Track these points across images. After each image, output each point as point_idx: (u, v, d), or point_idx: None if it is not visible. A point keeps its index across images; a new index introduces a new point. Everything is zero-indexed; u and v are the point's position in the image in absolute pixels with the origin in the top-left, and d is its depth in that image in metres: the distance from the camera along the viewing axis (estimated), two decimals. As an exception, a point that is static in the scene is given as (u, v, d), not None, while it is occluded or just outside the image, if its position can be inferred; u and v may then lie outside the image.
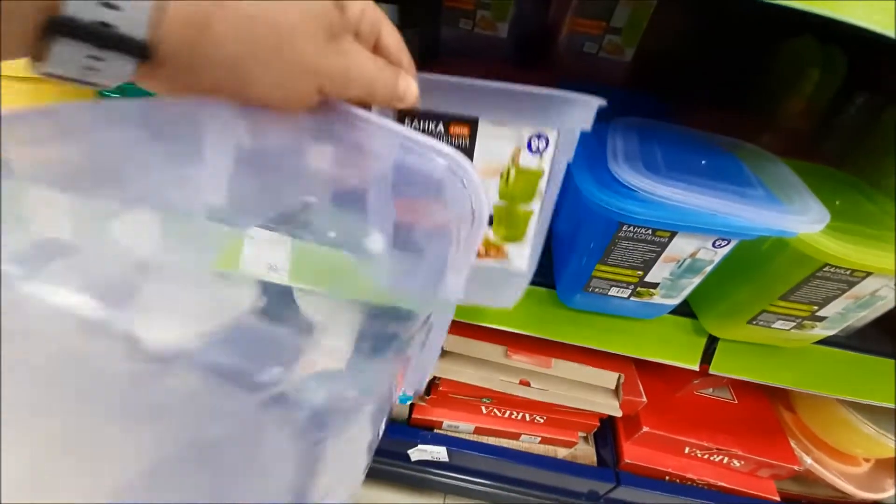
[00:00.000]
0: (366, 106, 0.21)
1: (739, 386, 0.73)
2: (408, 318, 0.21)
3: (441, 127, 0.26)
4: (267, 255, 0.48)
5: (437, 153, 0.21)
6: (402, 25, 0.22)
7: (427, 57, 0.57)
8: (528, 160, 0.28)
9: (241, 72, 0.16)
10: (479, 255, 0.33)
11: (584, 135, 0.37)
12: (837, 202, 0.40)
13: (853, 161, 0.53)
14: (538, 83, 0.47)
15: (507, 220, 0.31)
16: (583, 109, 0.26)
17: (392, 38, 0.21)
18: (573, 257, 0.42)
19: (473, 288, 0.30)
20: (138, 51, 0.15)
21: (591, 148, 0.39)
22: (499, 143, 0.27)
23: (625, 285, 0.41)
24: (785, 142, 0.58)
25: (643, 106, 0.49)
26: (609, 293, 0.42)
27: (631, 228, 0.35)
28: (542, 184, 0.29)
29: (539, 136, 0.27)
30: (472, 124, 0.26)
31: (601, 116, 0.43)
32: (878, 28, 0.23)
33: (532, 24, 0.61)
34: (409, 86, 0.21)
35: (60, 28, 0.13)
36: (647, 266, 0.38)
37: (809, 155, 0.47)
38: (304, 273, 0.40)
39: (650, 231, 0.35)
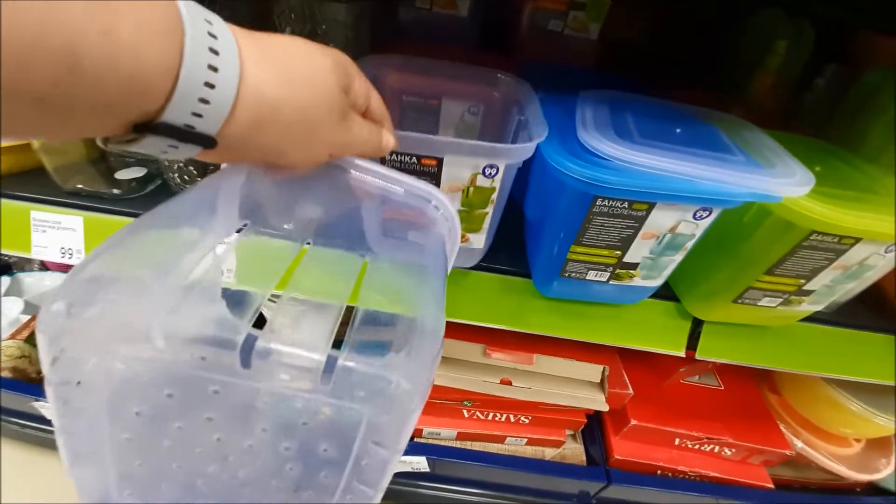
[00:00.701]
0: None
1: (725, 371, 0.71)
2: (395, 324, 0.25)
3: (415, 160, 0.34)
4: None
5: (427, 197, 0.29)
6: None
7: (381, 40, 0.53)
8: (483, 181, 0.35)
9: (279, 151, 0.22)
10: None
11: (552, 108, 0.36)
12: (818, 168, 0.37)
13: (825, 132, 0.52)
14: (501, 66, 0.44)
15: (467, 219, 0.38)
16: (524, 150, 0.33)
17: (377, 102, 0.27)
18: (546, 241, 0.38)
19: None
20: (208, 142, 0.19)
21: (559, 119, 0.36)
22: (460, 170, 0.34)
23: (603, 267, 0.38)
24: (756, 116, 0.56)
25: (611, 84, 0.47)
26: (587, 277, 0.39)
27: (605, 202, 0.32)
28: (495, 195, 0.36)
29: (491, 166, 0.34)
30: (439, 160, 0.34)
31: (570, 90, 0.40)
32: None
33: (494, 2, 0.58)
34: (389, 141, 0.28)
35: (155, 128, 0.17)
36: (626, 244, 0.35)
37: (781, 128, 0.45)
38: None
39: (626, 204, 0.32)
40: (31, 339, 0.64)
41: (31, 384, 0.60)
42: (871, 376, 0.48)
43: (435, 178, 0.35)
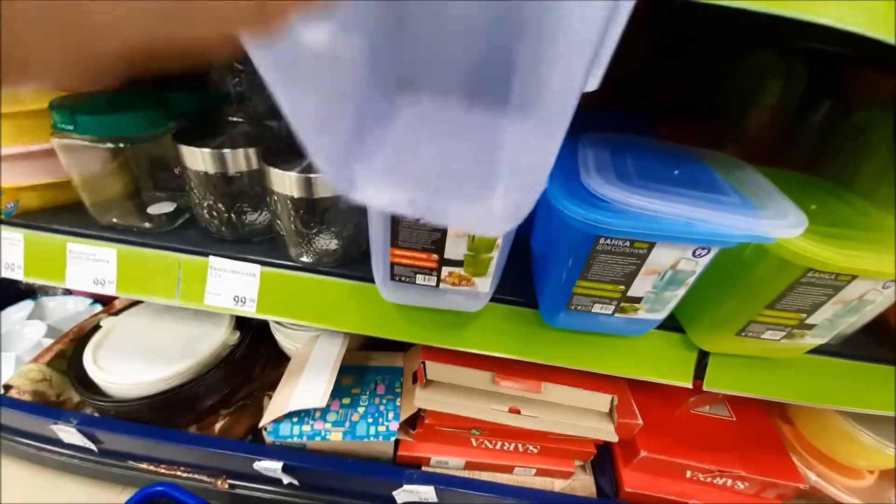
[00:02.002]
0: None
1: (737, 401, 0.71)
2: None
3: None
4: (232, 287, 0.46)
5: None
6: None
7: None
8: None
9: None
10: (454, 283, 0.41)
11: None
12: (812, 206, 0.39)
13: (820, 166, 0.54)
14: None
15: (473, 263, 0.39)
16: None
17: None
18: (553, 275, 0.40)
19: (452, 300, 0.43)
20: None
21: (562, 161, 0.38)
22: None
23: (608, 301, 0.39)
24: (751, 152, 0.58)
25: (610, 120, 0.49)
26: (592, 310, 0.40)
27: (608, 241, 0.34)
28: (499, 240, 0.37)
29: None
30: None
31: (570, 130, 0.43)
32: (859, 29, 0.23)
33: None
34: None
35: None
36: (629, 280, 0.37)
37: (776, 164, 0.47)
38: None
39: (628, 243, 0.34)
40: (52, 363, 0.66)
41: (50, 408, 0.62)
42: (876, 407, 0.48)
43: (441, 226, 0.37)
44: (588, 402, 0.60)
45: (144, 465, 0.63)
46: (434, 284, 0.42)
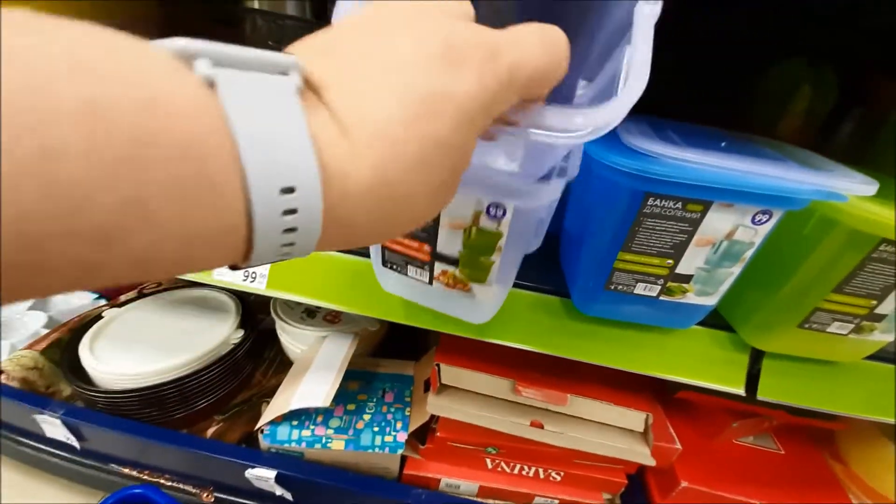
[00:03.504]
0: None
1: (784, 433, 0.63)
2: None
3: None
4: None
5: None
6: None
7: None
8: (487, 223, 0.31)
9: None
10: (448, 285, 0.36)
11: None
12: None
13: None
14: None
15: (470, 265, 0.33)
16: (538, 193, 0.27)
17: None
18: (590, 249, 0.37)
19: (447, 303, 0.37)
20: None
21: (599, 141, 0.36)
22: (462, 204, 0.30)
23: (653, 279, 0.36)
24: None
25: (638, 130, 0.48)
26: (635, 291, 0.37)
27: (657, 201, 0.31)
28: (502, 242, 0.31)
29: (497, 206, 0.30)
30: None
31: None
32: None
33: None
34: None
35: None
36: (679, 252, 0.34)
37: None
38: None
39: (680, 204, 0.31)
40: (47, 352, 0.63)
41: (36, 395, 0.58)
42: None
43: None
44: (620, 419, 0.54)
45: (127, 470, 0.57)
46: (427, 281, 0.36)
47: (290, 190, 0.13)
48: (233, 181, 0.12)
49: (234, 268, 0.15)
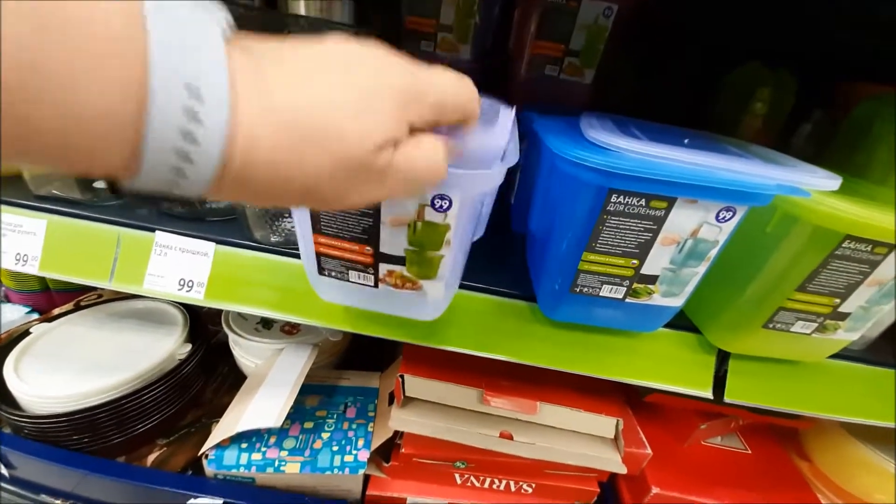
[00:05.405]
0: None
1: (750, 433, 0.64)
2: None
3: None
4: (179, 268, 0.39)
5: None
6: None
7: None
8: (433, 216, 0.29)
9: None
10: (396, 285, 0.34)
11: (552, 124, 0.34)
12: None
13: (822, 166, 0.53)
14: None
15: (418, 262, 0.32)
16: (482, 180, 0.27)
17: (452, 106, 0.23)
18: (554, 250, 0.35)
19: (397, 305, 0.35)
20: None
21: (564, 133, 0.35)
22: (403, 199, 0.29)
23: (619, 280, 0.34)
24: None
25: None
26: (601, 293, 0.35)
27: (621, 198, 0.30)
28: (450, 235, 0.30)
29: (442, 198, 0.28)
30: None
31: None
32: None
33: (494, 47, 0.61)
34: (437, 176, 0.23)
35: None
36: (644, 251, 0.32)
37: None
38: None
39: (643, 201, 0.30)
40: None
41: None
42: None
43: (376, 205, 0.29)
44: (590, 425, 0.53)
45: (59, 502, 0.51)
46: (372, 284, 0.34)
47: (195, 92, 0.13)
48: (137, 61, 0.13)
49: (114, 190, 0.15)
